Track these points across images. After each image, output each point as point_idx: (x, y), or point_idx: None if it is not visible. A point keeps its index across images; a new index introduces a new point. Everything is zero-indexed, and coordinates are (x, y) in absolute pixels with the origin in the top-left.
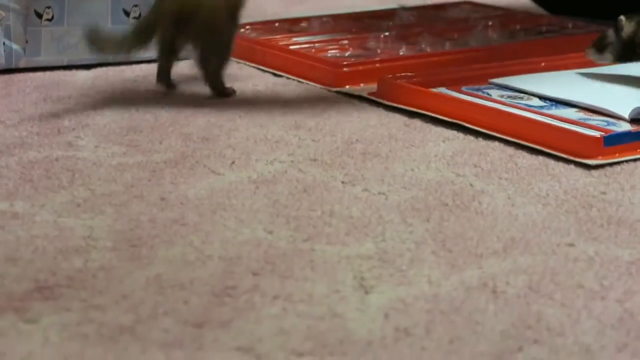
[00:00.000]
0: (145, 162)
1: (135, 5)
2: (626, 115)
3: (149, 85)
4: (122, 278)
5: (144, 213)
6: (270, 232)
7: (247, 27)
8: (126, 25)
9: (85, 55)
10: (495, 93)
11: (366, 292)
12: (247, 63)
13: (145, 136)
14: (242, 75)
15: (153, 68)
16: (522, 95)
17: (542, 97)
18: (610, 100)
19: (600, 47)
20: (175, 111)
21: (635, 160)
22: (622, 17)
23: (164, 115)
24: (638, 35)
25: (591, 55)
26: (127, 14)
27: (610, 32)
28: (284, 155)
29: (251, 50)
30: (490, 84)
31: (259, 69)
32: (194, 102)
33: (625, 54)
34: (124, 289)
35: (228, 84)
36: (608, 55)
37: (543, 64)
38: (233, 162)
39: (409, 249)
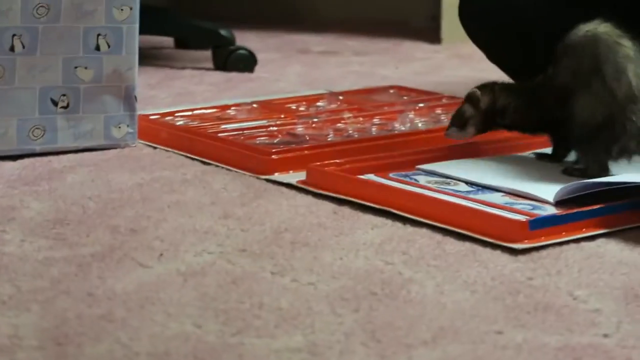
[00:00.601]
0: (72, 256)
1: (64, 95)
2: (551, 199)
3: (76, 176)
4: None
5: (70, 309)
6: (199, 326)
7: (176, 114)
8: (54, 115)
9: (12, 145)
10: (422, 179)
11: None
12: (176, 151)
13: (72, 229)
14: (170, 163)
15: (80, 158)
16: (449, 180)
17: (468, 183)
18: (535, 184)
19: (460, 124)
20: (102, 202)
21: (560, 244)
22: (477, 90)
23: (92, 207)
24: (497, 104)
25: (454, 134)
26: (55, 103)
27: (467, 107)
28: (212, 246)
29: (179, 138)
30: (417, 170)
31: (187, 157)
32: (122, 192)
33: (486, 125)
34: None
35: (155, 172)
36: (470, 130)
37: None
38: (161, 254)
39: (338, 340)
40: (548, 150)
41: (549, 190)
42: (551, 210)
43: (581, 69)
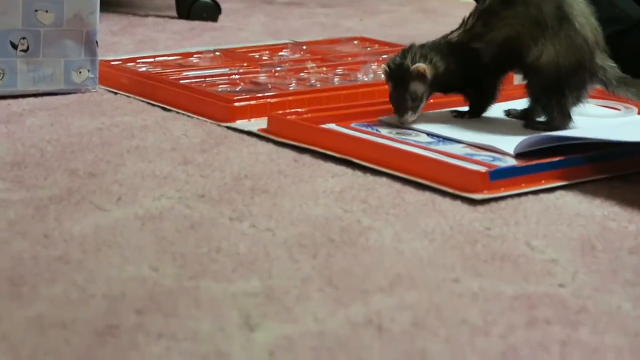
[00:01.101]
0: (30, 198)
1: (23, 38)
2: (511, 151)
3: (36, 119)
4: (1, 318)
5: (26, 251)
6: (156, 270)
7: (138, 60)
8: (14, 58)
9: None
10: (384, 130)
11: (251, 330)
12: (137, 97)
13: (30, 172)
14: (131, 109)
15: (40, 102)
16: (410, 131)
17: (429, 134)
18: (496, 137)
19: (414, 105)
20: (61, 146)
21: (519, 195)
22: (419, 65)
23: (50, 151)
24: (439, 71)
25: (410, 117)
26: (14, 46)
27: (417, 85)
28: (171, 191)
29: (141, 84)
30: (379, 120)
31: (148, 103)
32: (82, 136)
33: (430, 94)
34: (3, 328)
35: (116, 118)
36: (422, 105)
37: (432, 101)
38: (119, 199)
39: (295, 286)
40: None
41: (509, 143)
42: (511, 162)
43: (546, 18)
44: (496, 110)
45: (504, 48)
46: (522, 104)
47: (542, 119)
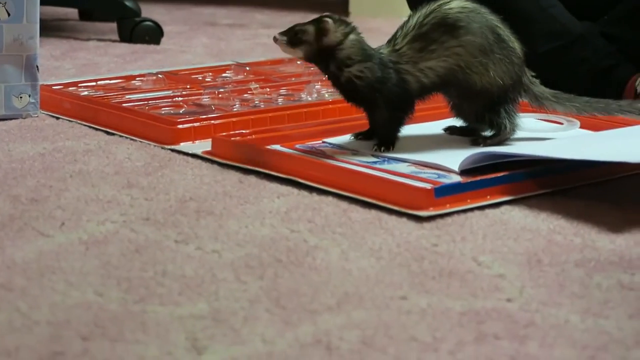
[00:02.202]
0: None
1: None
2: (455, 168)
3: None
4: None
5: None
6: (101, 295)
7: (80, 85)
8: None
9: None
10: (328, 150)
11: (199, 353)
12: (79, 122)
13: None
14: (73, 134)
15: None
16: (355, 151)
17: (374, 154)
18: (440, 154)
19: (295, 41)
20: (3, 172)
21: (465, 211)
22: (329, 20)
23: None
24: (342, 49)
25: (283, 45)
26: None
27: (310, 31)
28: (115, 215)
29: (83, 108)
30: (324, 141)
31: (91, 127)
32: (23, 162)
33: (320, 60)
34: None
35: (58, 142)
36: (298, 52)
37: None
38: (63, 224)
39: (242, 307)
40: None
41: (453, 160)
42: (456, 179)
43: (490, 44)
44: (437, 127)
45: (447, 77)
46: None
47: (489, 133)
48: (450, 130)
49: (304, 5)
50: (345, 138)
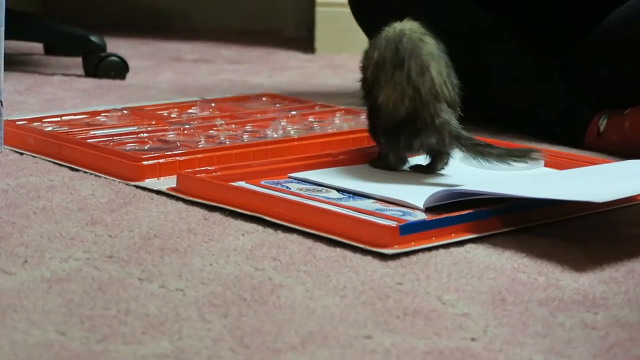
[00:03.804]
0: None
1: None
2: (420, 205)
3: None
4: None
5: None
6: (63, 334)
7: (44, 120)
8: None
9: None
10: (294, 187)
11: None
12: (43, 157)
13: None
14: (37, 169)
15: None
16: (320, 188)
17: (339, 190)
18: (405, 191)
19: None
20: None
21: (430, 249)
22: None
23: None
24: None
25: None
26: None
27: None
28: (79, 253)
29: (47, 144)
30: (289, 177)
31: (55, 163)
32: None
33: None
34: None
35: (21, 178)
36: None
37: (341, 157)
38: (25, 261)
39: (206, 346)
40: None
41: (418, 197)
42: (421, 216)
43: (385, 63)
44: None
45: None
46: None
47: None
48: (413, 169)
49: (270, 42)
50: (310, 172)
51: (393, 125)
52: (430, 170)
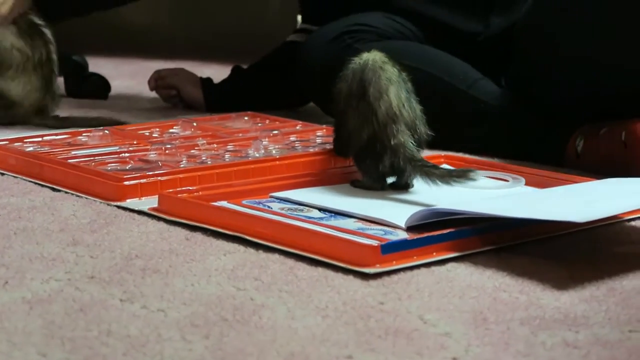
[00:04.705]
0: None
1: None
2: (402, 224)
3: None
4: None
5: None
6: (44, 355)
7: (25, 140)
8: None
9: None
10: (276, 206)
11: None
12: (24, 178)
13: None
14: (18, 190)
15: None
16: (302, 207)
17: (321, 209)
18: (386, 210)
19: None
20: None
21: (412, 268)
22: None
23: None
24: None
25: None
26: None
27: None
28: (60, 273)
29: (28, 164)
30: (270, 197)
31: (36, 183)
32: None
33: None
34: None
35: (2, 199)
36: None
37: (323, 176)
38: (6, 282)
39: None
40: None
41: (400, 216)
42: (403, 235)
43: (351, 93)
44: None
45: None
46: None
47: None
48: (391, 186)
49: (255, 59)
50: (291, 191)
51: (359, 150)
52: (398, 186)
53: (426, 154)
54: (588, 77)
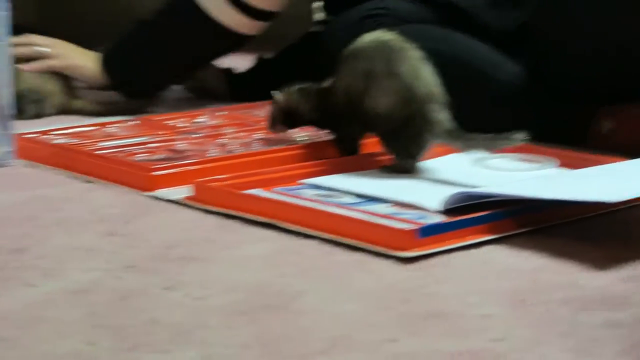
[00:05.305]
0: None
1: None
2: (437, 208)
3: None
4: None
5: None
6: (92, 344)
7: (55, 132)
8: None
9: None
10: (308, 192)
11: None
12: (56, 169)
13: None
14: (52, 181)
15: None
16: (334, 193)
17: (354, 195)
18: (421, 194)
19: (272, 122)
20: None
21: (448, 251)
22: (275, 93)
23: None
24: (292, 104)
25: (271, 129)
26: None
27: (273, 107)
28: (100, 263)
29: (60, 156)
30: (302, 184)
31: (69, 175)
32: (2, 212)
33: (291, 122)
34: None
35: (37, 191)
36: (280, 127)
37: (354, 162)
38: (47, 273)
39: (233, 353)
40: None
41: (434, 199)
42: (437, 219)
43: (374, 71)
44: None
45: (346, 99)
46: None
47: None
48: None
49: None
50: (322, 177)
51: (393, 130)
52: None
53: None
54: (608, 53)
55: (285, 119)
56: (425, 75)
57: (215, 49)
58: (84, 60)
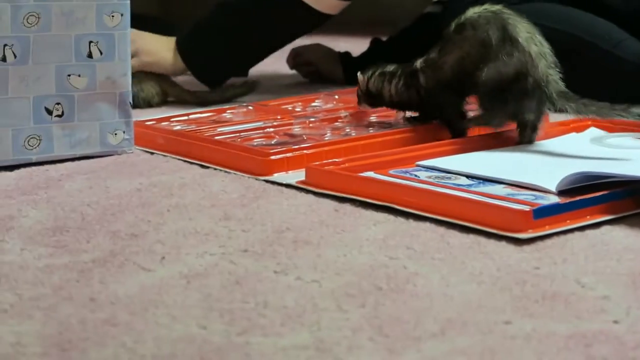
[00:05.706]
0: (73, 262)
1: (58, 103)
2: (553, 189)
3: (74, 183)
4: None
5: (73, 315)
6: (204, 327)
7: (172, 119)
8: (49, 124)
9: (7, 156)
10: (423, 174)
11: None
12: (173, 156)
13: (72, 236)
14: (168, 168)
15: (77, 166)
16: (449, 175)
17: (469, 176)
18: (536, 175)
19: (358, 101)
20: (101, 208)
21: (565, 232)
22: (359, 73)
23: (91, 213)
24: (372, 86)
25: (359, 106)
26: (49, 112)
27: (358, 88)
28: (214, 248)
29: (176, 143)
30: (417, 166)
31: (185, 161)
32: (121, 198)
33: (374, 102)
34: None
35: (153, 177)
36: (365, 105)
37: (469, 143)
38: (163, 258)
39: (345, 336)
40: None
41: (550, 180)
42: (554, 200)
43: (490, 40)
44: (532, 148)
45: (457, 68)
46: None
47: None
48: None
49: (384, 31)
50: (438, 159)
51: (500, 90)
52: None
53: (570, 117)
54: None
55: (368, 99)
56: (539, 41)
57: (296, 30)
58: (160, 52)
